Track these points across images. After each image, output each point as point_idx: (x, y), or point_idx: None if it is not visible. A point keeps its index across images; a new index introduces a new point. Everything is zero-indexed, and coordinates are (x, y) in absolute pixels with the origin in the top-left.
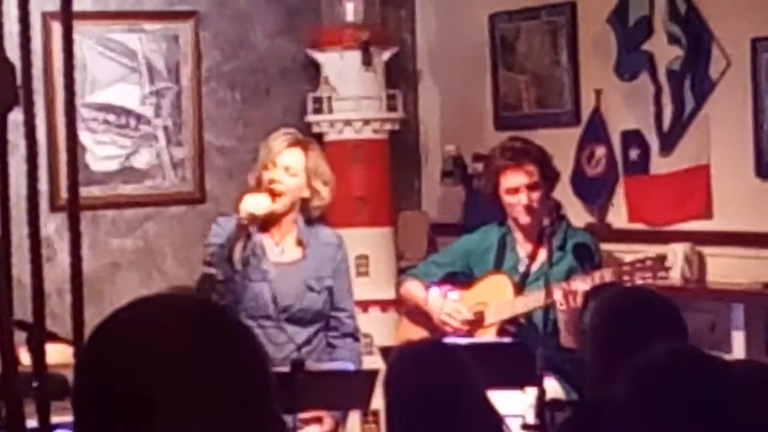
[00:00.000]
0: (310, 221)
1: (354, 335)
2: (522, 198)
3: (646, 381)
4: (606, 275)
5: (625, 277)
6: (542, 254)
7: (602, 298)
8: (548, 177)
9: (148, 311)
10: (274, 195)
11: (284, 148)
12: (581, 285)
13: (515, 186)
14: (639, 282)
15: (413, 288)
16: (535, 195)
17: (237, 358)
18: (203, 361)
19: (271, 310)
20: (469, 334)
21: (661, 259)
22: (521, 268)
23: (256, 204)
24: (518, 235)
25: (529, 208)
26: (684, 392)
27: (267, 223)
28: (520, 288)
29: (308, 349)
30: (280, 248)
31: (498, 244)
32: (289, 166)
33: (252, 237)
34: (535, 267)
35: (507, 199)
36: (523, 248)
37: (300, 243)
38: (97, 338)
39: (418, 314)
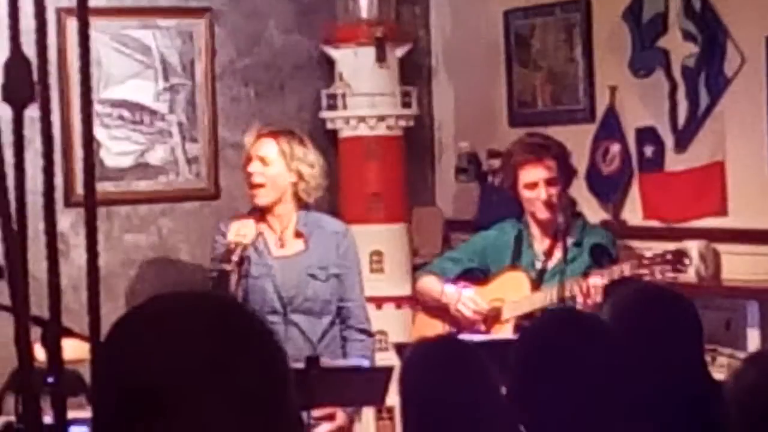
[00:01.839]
0: (308, 208)
1: (365, 330)
2: (541, 193)
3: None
4: (624, 269)
5: (644, 271)
6: (559, 250)
7: (617, 295)
8: (566, 173)
9: (166, 308)
10: (255, 187)
11: (254, 140)
12: (599, 280)
13: (534, 181)
14: (658, 276)
15: (430, 282)
16: (554, 190)
17: (256, 354)
18: (222, 358)
19: (276, 304)
20: (486, 330)
21: (681, 253)
22: (538, 265)
23: (242, 232)
24: (535, 231)
25: (548, 203)
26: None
27: (264, 213)
28: (537, 284)
29: (324, 344)
30: (281, 242)
31: (515, 240)
32: (263, 156)
33: (245, 263)
34: (552, 263)
35: (525, 194)
36: (540, 244)
37: (299, 234)
38: (116, 335)
39: (435, 309)
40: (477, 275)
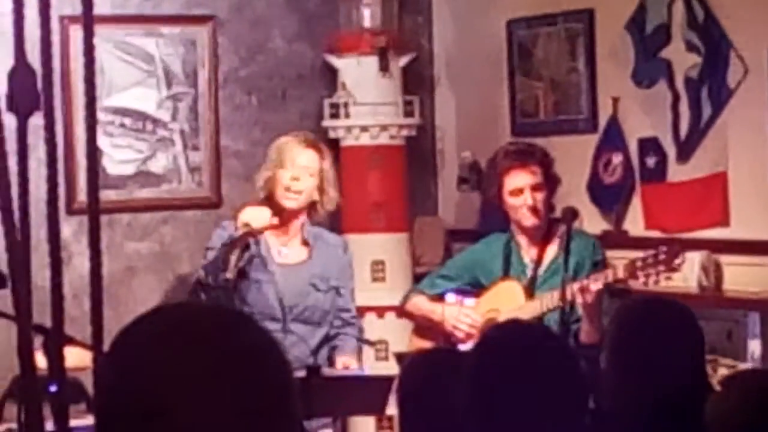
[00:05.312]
0: (313, 223)
1: (361, 339)
2: (527, 198)
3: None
4: (618, 271)
5: (639, 273)
6: (548, 257)
7: (620, 309)
8: (551, 180)
9: (172, 319)
10: (293, 192)
11: (303, 148)
12: (593, 285)
13: (520, 186)
14: (653, 278)
15: (420, 302)
16: (540, 196)
17: (262, 366)
18: (229, 370)
19: (277, 311)
20: None
21: (674, 251)
22: (528, 273)
23: (254, 215)
24: (522, 240)
25: (533, 209)
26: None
27: (279, 222)
28: (530, 292)
29: (320, 354)
30: (286, 249)
31: (503, 251)
32: (308, 166)
33: (250, 248)
34: (542, 270)
35: (511, 201)
36: (527, 253)
37: (306, 243)
38: (121, 345)
39: (427, 329)
40: (467, 290)
